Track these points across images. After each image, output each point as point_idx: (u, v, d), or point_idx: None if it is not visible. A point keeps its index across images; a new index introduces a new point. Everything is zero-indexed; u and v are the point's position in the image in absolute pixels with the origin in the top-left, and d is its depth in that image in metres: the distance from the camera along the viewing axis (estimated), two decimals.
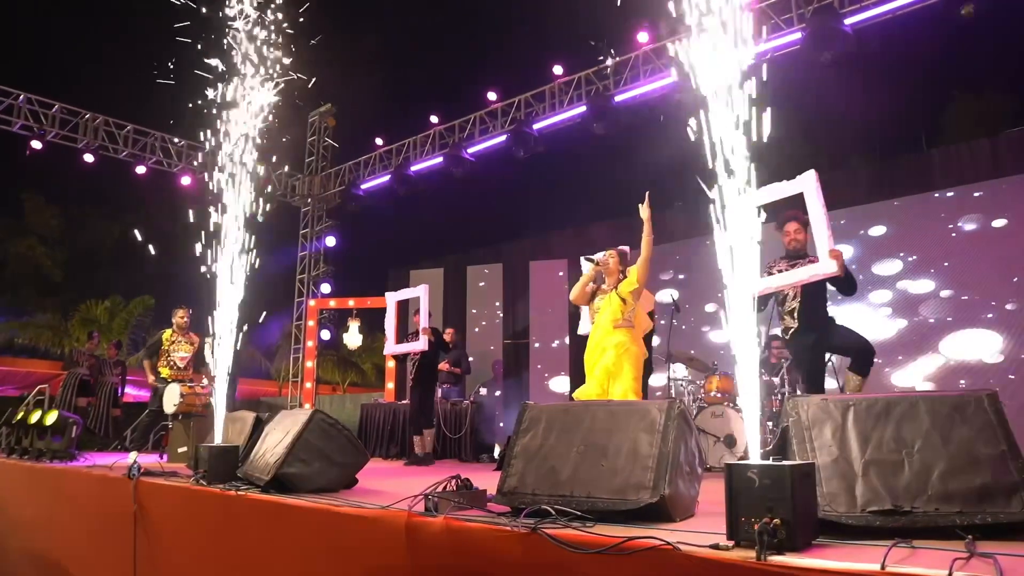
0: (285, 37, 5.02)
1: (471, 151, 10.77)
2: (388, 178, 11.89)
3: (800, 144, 14.60)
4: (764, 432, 5.75)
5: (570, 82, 9.81)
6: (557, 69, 9.83)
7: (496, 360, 11.14)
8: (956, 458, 2.22)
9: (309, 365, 12.86)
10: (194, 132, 11.28)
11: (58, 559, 4.92)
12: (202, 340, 7.10)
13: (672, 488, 2.49)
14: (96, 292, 20.62)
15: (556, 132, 10.00)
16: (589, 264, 5.07)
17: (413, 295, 7.58)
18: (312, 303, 12.96)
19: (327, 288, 13.18)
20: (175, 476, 4.16)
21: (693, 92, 2.37)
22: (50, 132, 10.53)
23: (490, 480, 3.07)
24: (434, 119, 11.34)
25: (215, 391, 4.41)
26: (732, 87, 2.33)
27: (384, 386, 13.04)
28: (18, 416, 6.23)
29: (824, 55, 7.59)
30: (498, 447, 7.64)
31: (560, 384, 10.42)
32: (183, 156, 11.88)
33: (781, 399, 6.24)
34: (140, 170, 11.48)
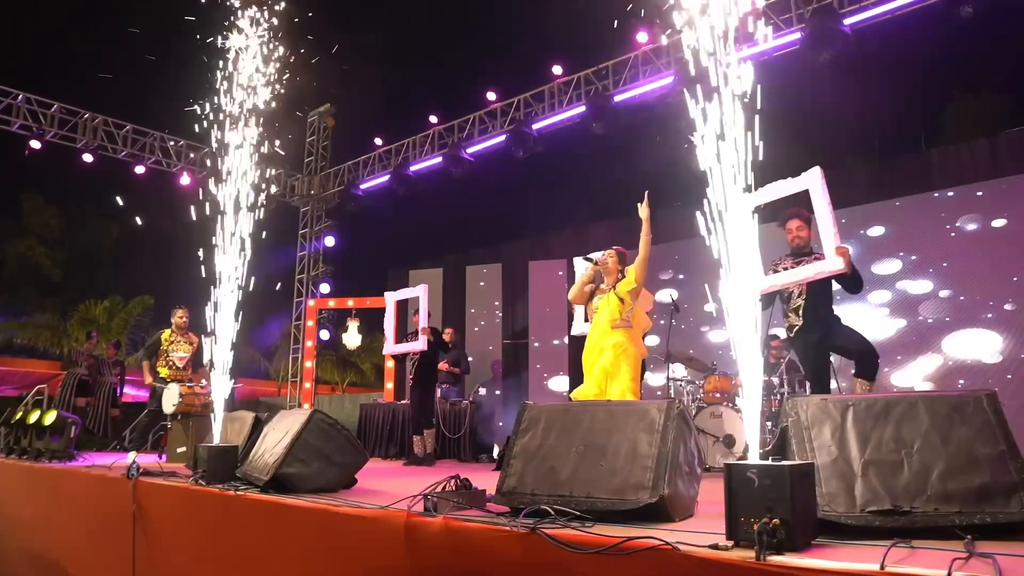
0: (285, 37, 5.02)
1: (470, 151, 10.76)
2: (387, 178, 11.88)
3: (799, 144, 14.58)
4: (763, 432, 5.76)
5: (569, 82, 9.80)
6: (556, 69, 9.82)
7: (495, 360, 11.14)
8: (955, 458, 2.22)
9: (308, 365, 12.85)
10: (193, 132, 11.30)
11: (57, 559, 4.92)
12: (201, 340, 7.09)
13: (671, 488, 2.49)
14: (95, 292, 20.61)
15: (555, 132, 9.99)
16: (586, 264, 5.06)
17: (412, 295, 7.58)
18: (311, 303, 12.95)
19: (326, 288, 13.17)
20: (174, 476, 4.16)
21: (692, 93, 2.37)
22: (49, 132, 10.52)
23: (489, 480, 3.07)
24: (433, 119, 11.33)
25: (214, 391, 4.40)
26: (731, 88, 2.33)
27: (383, 386, 13.04)
28: (17, 416, 6.22)
29: (823, 55, 7.59)
30: (497, 447, 7.64)
31: (559, 384, 10.42)
32: (182, 156, 11.88)
33: (780, 399, 6.24)
34: (139, 170, 11.48)
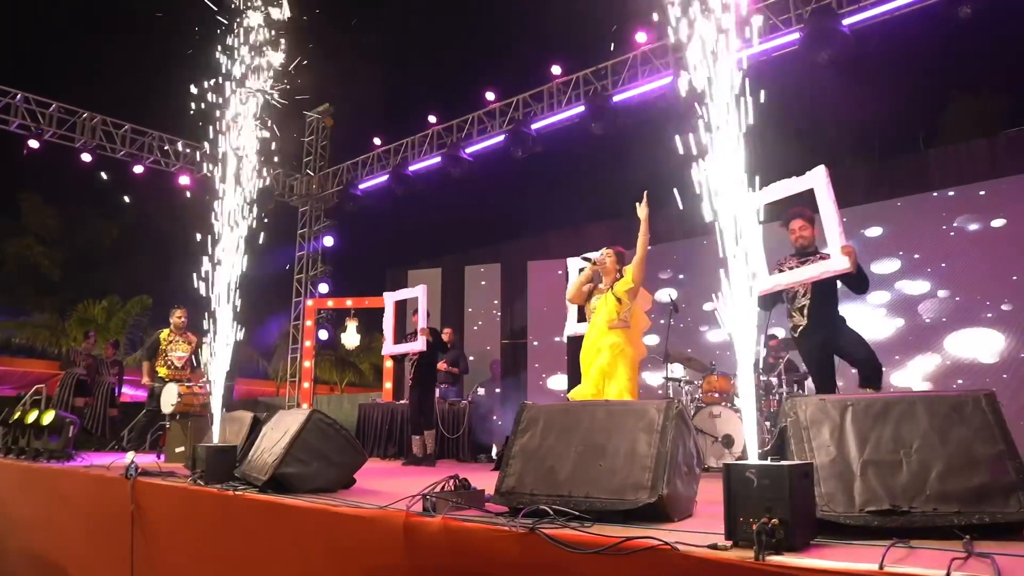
0: (285, 37, 5.01)
1: (469, 151, 10.75)
2: (386, 178, 11.87)
3: (798, 144, 14.59)
4: (762, 432, 5.76)
5: (568, 82, 9.80)
6: (555, 69, 9.81)
7: (494, 360, 11.15)
8: (954, 458, 2.22)
9: (307, 365, 12.85)
10: (192, 131, 11.29)
11: (55, 559, 4.91)
12: (199, 340, 7.09)
13: (670, 488, 2.49)
14: (94, 292, 20.60)
15: (554, 132, 9.99)
16: (580, 263, 5.05)
17: (411, 295, 7.58)
18: (310, 303, 12.94)
19: (325, 288, 13.17)
20: (172, 476, 4.15)
21: (691, 93, 2.37)
22: (47, 131, 10.50)
23: (488, 480, 3.07)
24: (432, 119, 11.32)
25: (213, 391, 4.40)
26: (731, 87, 2.32)
27: (382, 386, 13.03)
28: (15, 416, 6.21)
29: (822, 55, 7.59)
30: (496, 447, 7.63)
31: (558, 383, 10.42)
32: (181, 156, 11.87)
33: (779, 399, 6.25)
34: (138, 169, 11.46)
